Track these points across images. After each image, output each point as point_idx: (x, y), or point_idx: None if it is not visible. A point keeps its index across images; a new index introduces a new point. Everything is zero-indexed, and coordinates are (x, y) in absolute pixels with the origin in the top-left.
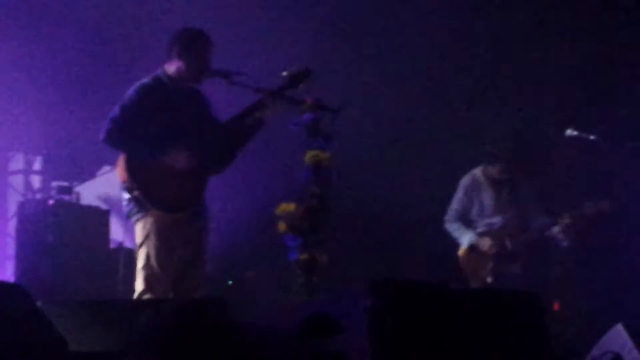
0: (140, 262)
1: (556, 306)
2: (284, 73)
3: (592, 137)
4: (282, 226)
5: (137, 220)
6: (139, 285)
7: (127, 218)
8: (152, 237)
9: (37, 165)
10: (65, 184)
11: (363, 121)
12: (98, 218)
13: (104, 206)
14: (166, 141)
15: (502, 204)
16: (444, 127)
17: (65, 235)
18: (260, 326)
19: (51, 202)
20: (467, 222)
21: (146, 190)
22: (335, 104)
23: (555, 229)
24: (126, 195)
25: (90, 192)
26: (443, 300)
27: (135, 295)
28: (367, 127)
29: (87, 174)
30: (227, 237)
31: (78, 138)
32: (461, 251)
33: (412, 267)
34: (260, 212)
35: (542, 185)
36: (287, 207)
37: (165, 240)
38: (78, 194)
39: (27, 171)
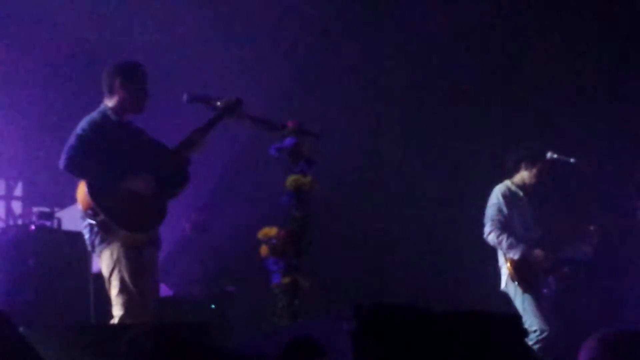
0: (114, 290)
1: None
2: (218, 103)
3: (571, 160)
4: (264, 250)
5: (103, 249)
6: (118, 311)
7: (91, 250)
8: (123, 261)
9: (18, 191)
10: (46, 209)
11: (344, 144)
12: (79, 243)
13: None
14: (123, 167)
15: (538, 216)
16: (425, 149)
17: (47, 261)
18: (243, 351)
19: (32, 227)
20: (510, 232)
21: (111, 213)
22: (316, 128)
23: (581, 244)
24: (89, 222)
25: (71, 218)
26: (426, 323)
27: (116, 321)
28: (347, 150)
29: (68, 200)
30: (210, 262)
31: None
32: (511, 262)
33: (395, 290)
34: (243, 237)
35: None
36: (269, 231)
37: (134, 261)
38: (59, 220)
39: (8, 197)
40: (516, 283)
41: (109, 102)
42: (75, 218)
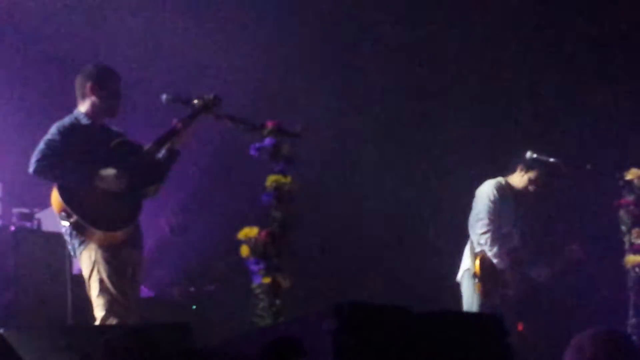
0: (94, 291)
1: (520, 327)
2: (195, 101)
3: (551, 160)
4: (244, 250)
5: (82, 252)
6: (99, 312)
7: (72, 254)
8: (101, 262)
9: None
10: (26, 210)
11: (323, 143)
12: (60, 244)
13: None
14: (93, 168)
15: (520, 225)
16: (404, 147)
17: (27, 262)
18: (223, 351)
19: (12, 228)
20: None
21: (84, 214)
22: (296, 128)
23: (543, 267)
24: (66, 225)
25: (51, 219)
26: (407, 323)
27: (98, 322)
28: (327, 149)
29: (48, 201)
30: (191, 262)
31: None
32: (483, 262)
33: (377, 288)
34: (224, 237)
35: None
36: (250, 231)
37: (112, 262)
38: (39, 221)
39: None
40: (476, 281)
41: (82, 107)
42: (55, 219)
